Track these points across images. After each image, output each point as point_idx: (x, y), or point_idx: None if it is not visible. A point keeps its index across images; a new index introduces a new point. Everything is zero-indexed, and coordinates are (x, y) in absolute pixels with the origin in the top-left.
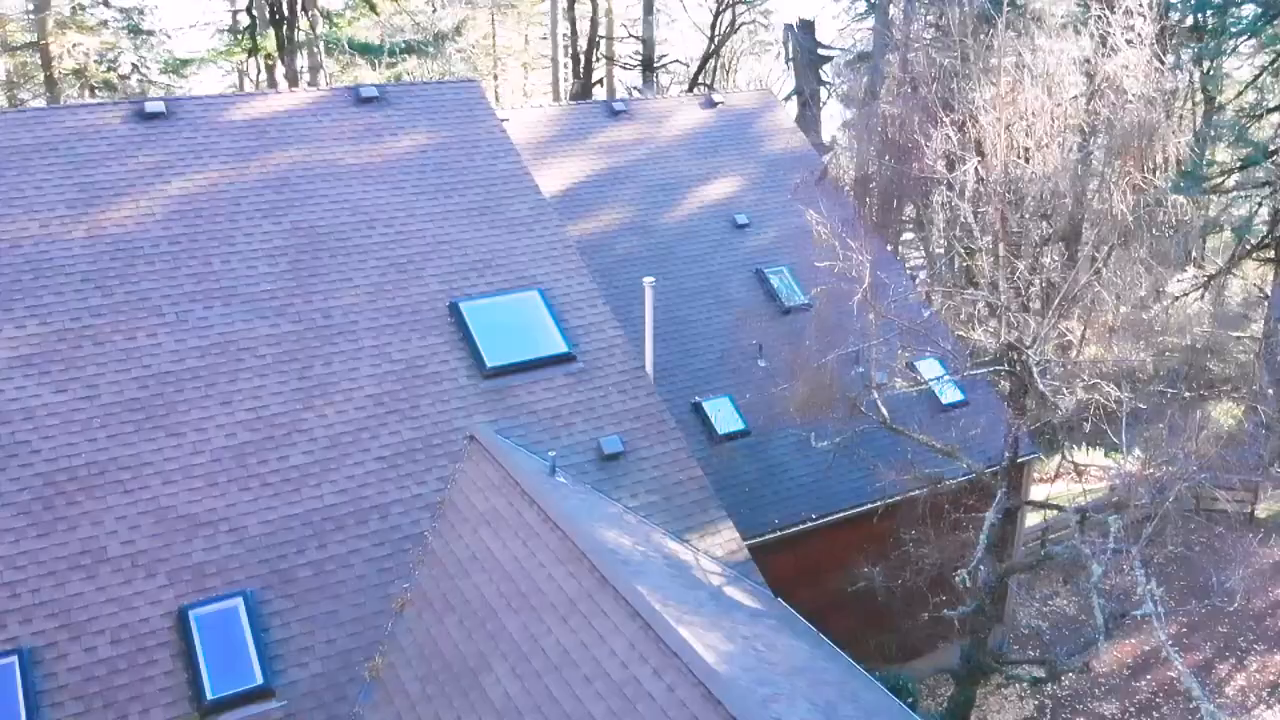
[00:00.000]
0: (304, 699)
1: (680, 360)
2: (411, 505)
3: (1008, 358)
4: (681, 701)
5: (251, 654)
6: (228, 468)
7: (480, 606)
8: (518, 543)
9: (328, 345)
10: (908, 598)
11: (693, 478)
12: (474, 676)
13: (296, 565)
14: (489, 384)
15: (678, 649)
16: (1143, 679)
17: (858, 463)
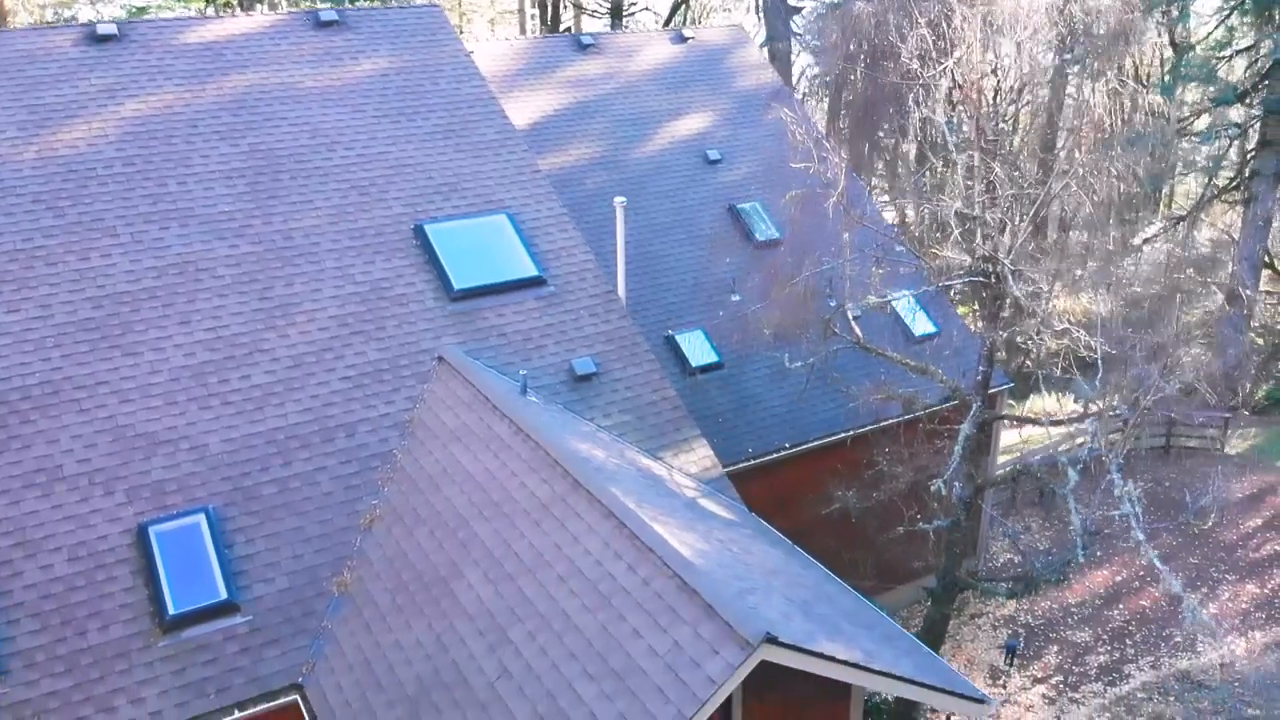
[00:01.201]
0: (270, 614)
1: (652, 294)
2: (379, 424)
3: (982, 269)
4: (657, 594)
5: (214, 570)
6: (187, 386)
7: (451, 517)
8: (489, 455)
9: (289, 267)
10: (883, 515)
11: (666, 398)
12: (445, 584)
13: (260, 483)
14: (457, 307)
15: (653, 544)
16: (1115, 607)
17: (831, 393)
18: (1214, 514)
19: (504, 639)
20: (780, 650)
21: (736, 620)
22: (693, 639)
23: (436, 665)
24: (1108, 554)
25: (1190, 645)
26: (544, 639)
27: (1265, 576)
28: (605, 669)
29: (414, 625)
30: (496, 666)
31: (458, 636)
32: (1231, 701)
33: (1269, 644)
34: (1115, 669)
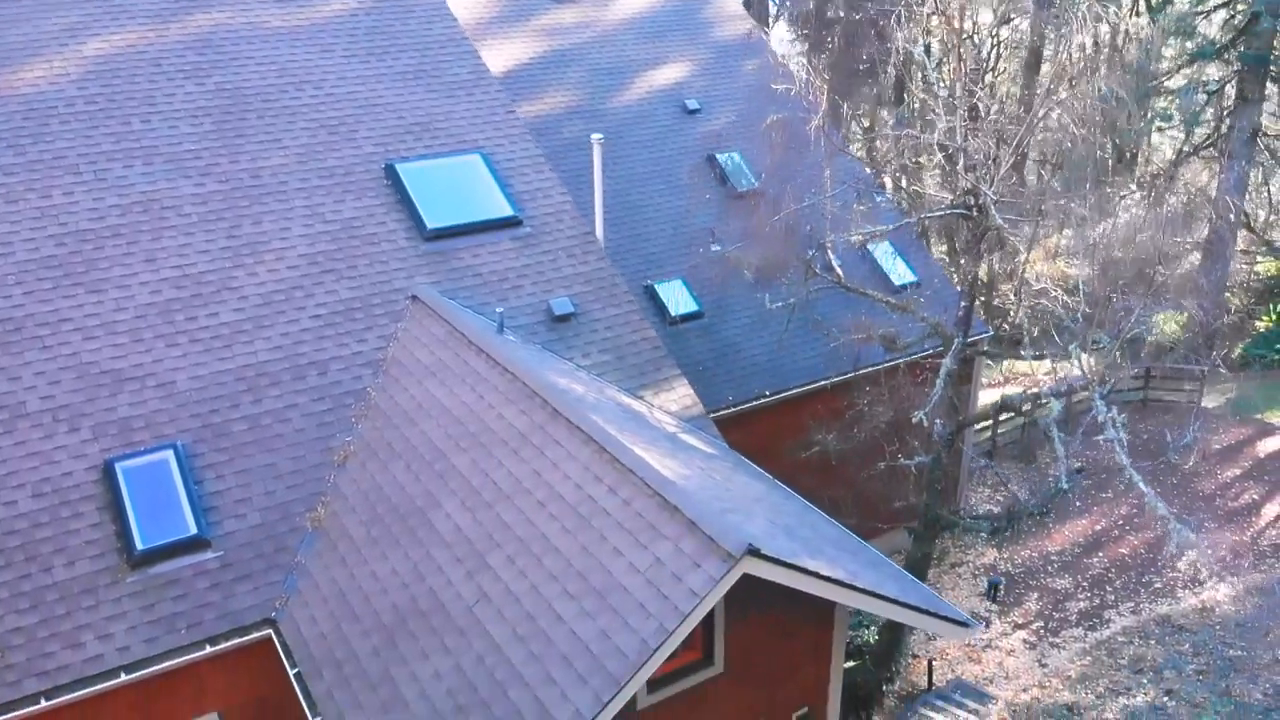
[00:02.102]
0: (242, 549)
1: (631, 244)
2: (352, 362)
3: (963, 202)
4: (638, 513)
5: (184, 505)
6: (153, 324)
7: (427, 450)
8: (465, 389)
9: (257, 205)
10: (864, 456)
11: (646, 338)
12: (422, 514)
13: (230, 420)
14: (430, 246)
15: (633, 465)
16: (1095, 555)
17: (812, 341)
18: (1195, 454)
19: (482, 565)
20: (763, 564)
21: (719, 534)
22: (674, 554)
23: (413, 593)
24: (1087, 504)
25: (1170, 591)
26: (523, 562)
27: (1245, 524)
28: (586, 588)
29: (390, 556)
30: (474, 591)
31: (435, 565)
32: (1213, 644)
33: (1249, 589)
34: (1095, 614)
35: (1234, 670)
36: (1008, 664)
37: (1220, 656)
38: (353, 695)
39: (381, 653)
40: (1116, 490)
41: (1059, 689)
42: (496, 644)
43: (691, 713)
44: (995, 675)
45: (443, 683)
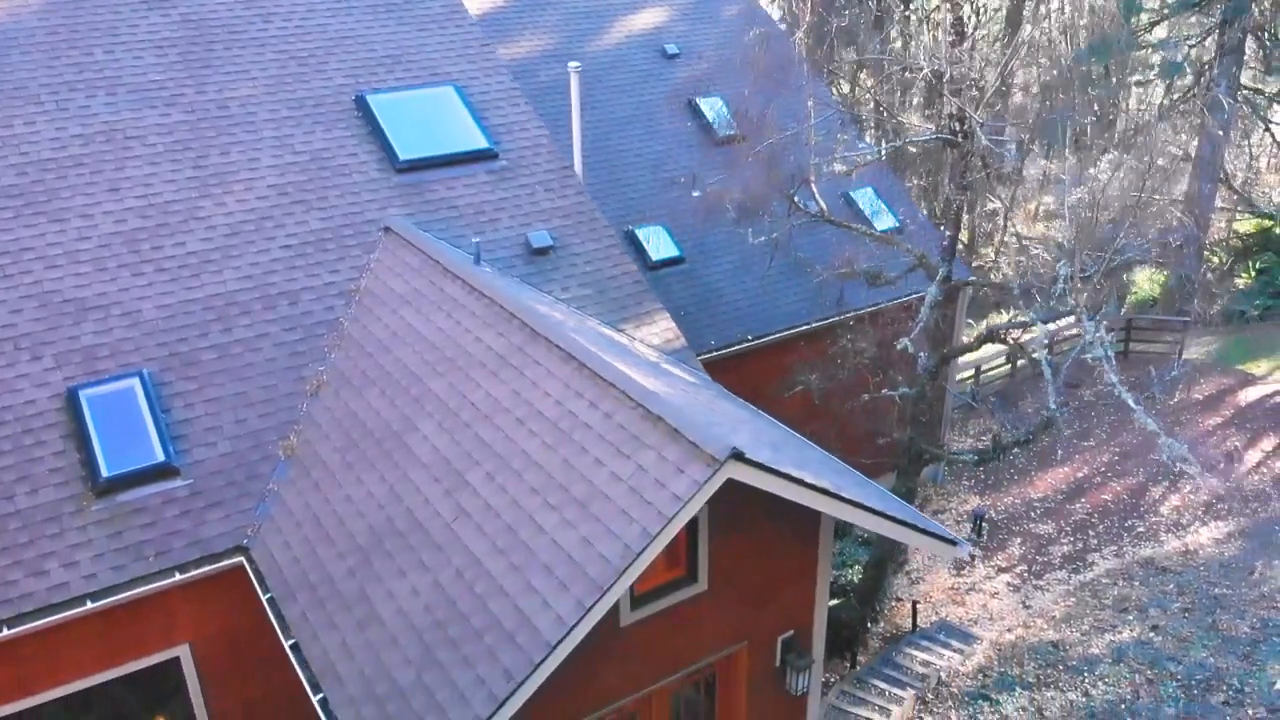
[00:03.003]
0: (212, 477)
1: (612, 189)
2: (324, 292)
3: (949, 128)
4: (620, 425)
5: (151, 433)
6: (118, 253)
7: (403, 376)
8: (441, 315)
9: (224, 136)
10: (848, 393)
11: (626, 272)
12: (398, 438)
13: (199, 349)
14: (403, 178)
15: (615, 380)
16: (1077, 502)
17: (795, 286)
18: (1180, 389)
19: (461, 483)
20: (747, 469)
21: (702, 440)
22: (657, 462)
23: (390, 514)
24: (1069, 452)
25: (1153, 535)
26: (503, 479)
27: (1226, 470)
28: (567, 499)
29: (365, 479)
30: (453, 509)
31: (412, 486)
32: (1198, 583)
33: (1233, 532)
34: (1079, 558)
35: (1219, 607)
36: (992, 606)
37: (1205, 595)
38: (327, 616)
39: (357, 573)
40: (1099, 439)
41: (1043, 628)
42: (476, 558)
43: (676, 631)
44: (979, 617)
45: (420, 598)
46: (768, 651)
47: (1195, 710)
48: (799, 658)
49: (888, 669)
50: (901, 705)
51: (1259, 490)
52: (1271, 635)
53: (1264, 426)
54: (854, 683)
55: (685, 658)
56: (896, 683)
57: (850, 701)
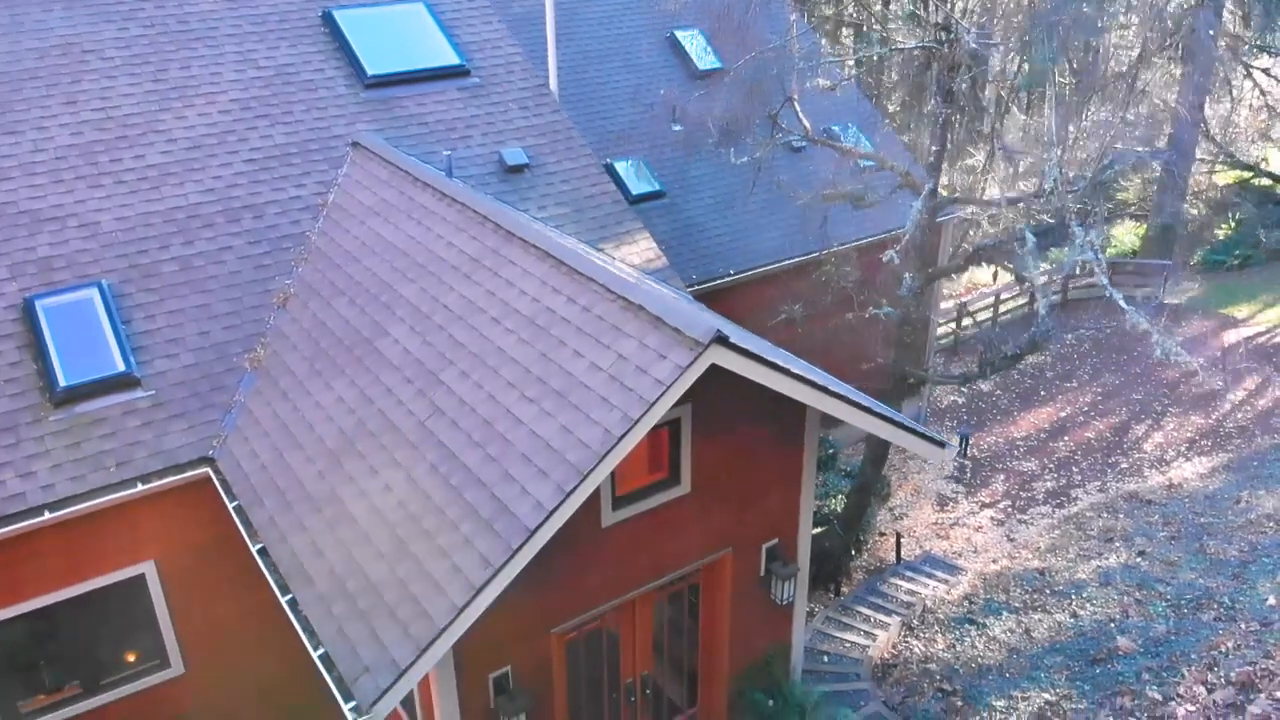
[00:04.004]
0: (175, 389)
1: (589, 123)
2: (289, 206)
3: (935, 37)
4: (599, 317)
5: (110, 343)
6: (75, 165)
7: (373, 284)
8: (412, 224)
9: (184, 50)
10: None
11: (605, 191)
12: (368, 344)
13: (160, 260)
14: (371, 94)
15: (593, 274)
16: (1060, 440)
17: (778, 221)
18: (1165, 314)
19: (434, 383)
20: (731, 355)
21: (685, 325)
22: (638, 350)
23: (361, 417)
24: (1051, 393)
25: (1137, 471)
26: (478, 375)
27: (1209, 409)
28: (545, 390)
29: (334, 385)
30: (427, 407)
31: (383, 388)
32: (1183, 514)
33: (1216, 467)
34: (1063, 493)
35: (1206, 534)
36: (976, 539)
37: (1191, 524)
38: (295, 519)
39: (327, 475)
40: (1081, 380)
41: (1029, 559)
42: (451, 452)
43: (658, 535)
44: (964, 550)
45: (393, 494)
46: (752, 560)
47: (1186, 626)
48: (783, 566)
49: (873, 597)
50: (887, 630)
51: (1242, 427)
52: (1260, 557)
53: (1246, 367)
54: (839, 609)
55: (669, 563)
56: (882, 610)
57: (836, 627)
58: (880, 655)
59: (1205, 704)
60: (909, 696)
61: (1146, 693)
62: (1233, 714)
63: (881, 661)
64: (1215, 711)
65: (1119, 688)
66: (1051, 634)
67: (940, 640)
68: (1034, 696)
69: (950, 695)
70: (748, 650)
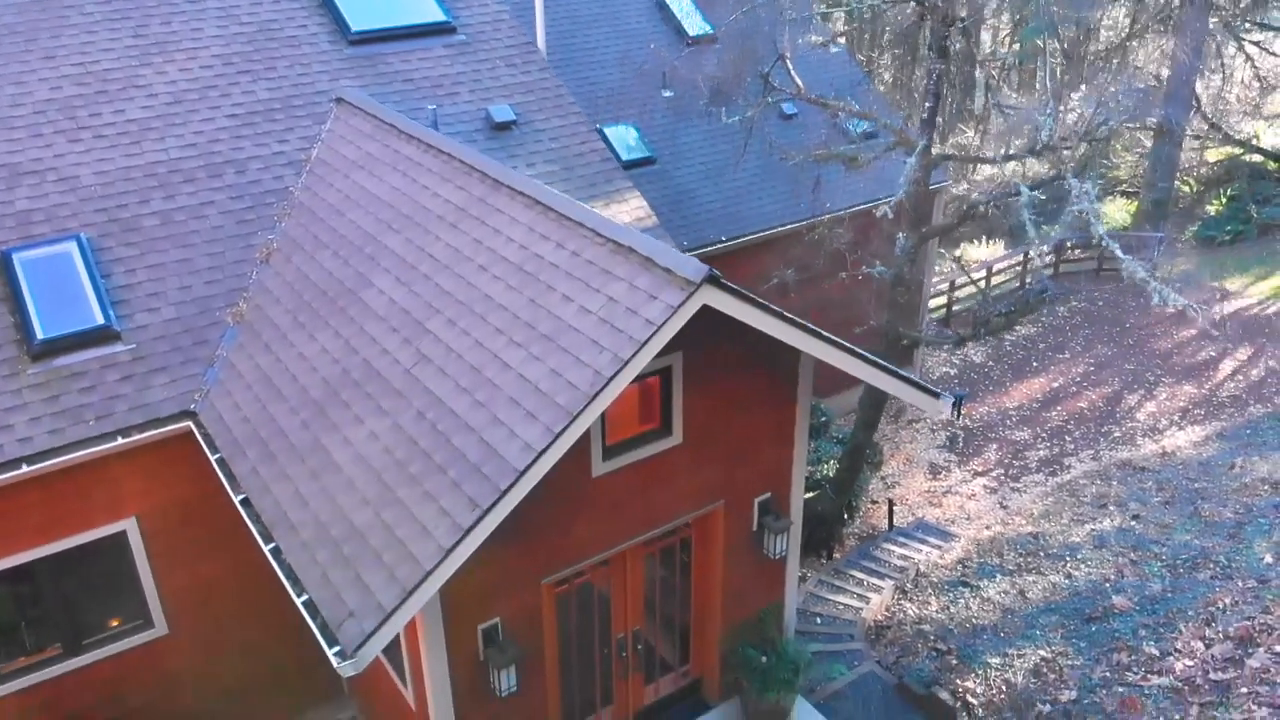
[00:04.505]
0: (156, 343)
1: (578, 88)
2: (273, 162)
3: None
4: (588, 261)
5: (90, 296)
6: (54, 120)
7: (357, 236)
8: (397, 175)
9: (165, 5)
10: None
11: (594, 149)
12: (353, 295)
13: (140, 215)
14: (356, 50)
15: (582, 219)
16: (1053, 409)
17: (770, 189)
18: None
19: (420, 331)
20: (724, 296)
21: (676, 265)
22: (629, 291)
23: (345, 367)
24: (1044, 365)
25: (1130, 439)
26: (465, 323)
27: (1202, 378)
28: (533, 335)
29: (319, 337)
30: (413, 355)
31: (368, 338)
32: (1177, 480)
33: (1209, 435)
34: (1055, 461)
35: (1200, 498)
36: (969, 507)
37: (1185, 490)
38: (279, 469)
39: (310, 425)
40: (1074, 351)
41: (1022, 524)
42: (438, 399)
43: (650, 486)
44: (957, 517)
45: (378, 442)
46: (745, 513)
47: (1182, 584)
48: (776, 519)
49: (865, 561)
50: (880, 594)
51: (1235, 396)
52: (1256, 518)
53: (1238, 337)
54: (831, 573)
55: (660, 515)
56: (875, 574)
57: (829, 590)
58: (874, 617)
59: (1203, 658)
60: (903, 656)
61: (1143, 648)
62: (1231, 667)
63: (875, 624)
64: (1214, 665)
65: (1115, 644)
66: (1046, 594)
67: (934, 603)
68: (1029, 654)
69: (945, 654)
70: (740, 607)
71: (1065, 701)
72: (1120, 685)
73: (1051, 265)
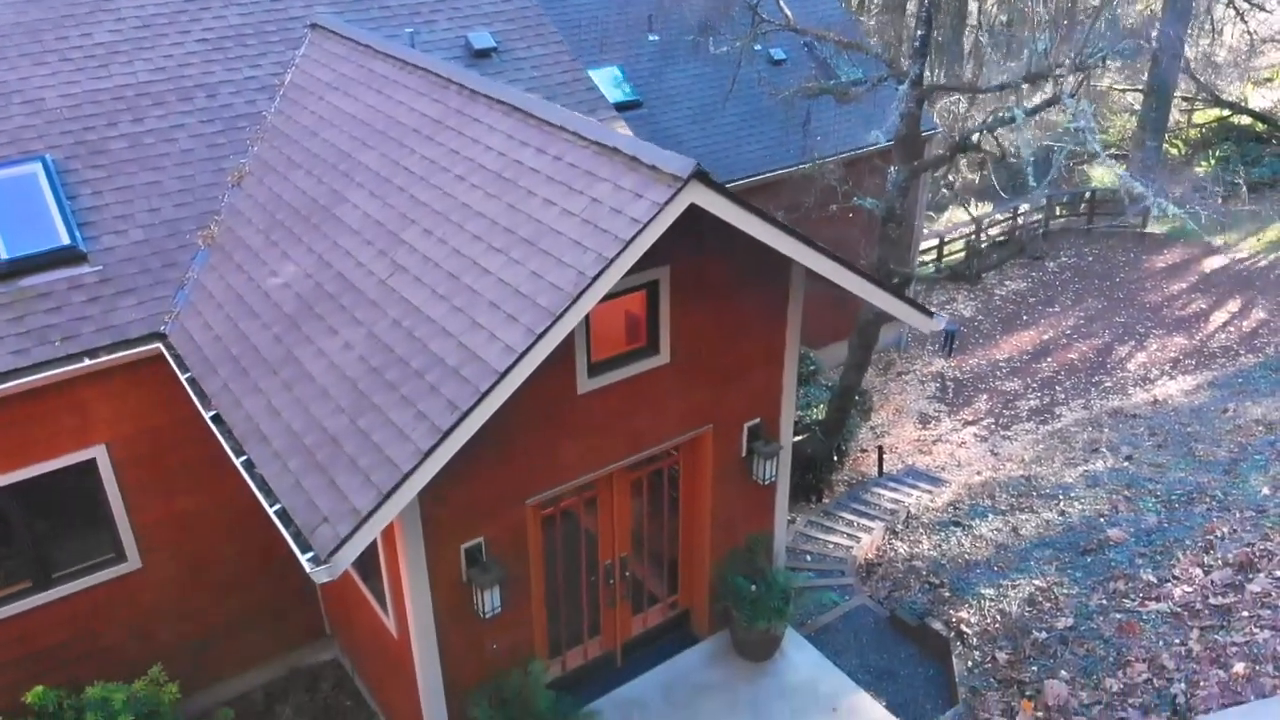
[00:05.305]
0: (123, 264)
1: (561, 30)
2: (244, 86)
3: None
4: (571, 164)
5: (55, 217)
6: (19, 43)
7: (331, 155)
8: (371, 94)
9: None
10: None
11: (578, 79)
12: (326, 211)
13: (108, 138)
14: None
15: (564, 122)
16: (1043, 361)
17: (758, 133)
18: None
19: (395, 242)
20: (712, 195)
21: (663, 161)
22: (613, 192)
23: (318, 280)
24: (1034, 318)
25: (1121, 389)
26: (442, 232)
27: (1193, 330)
28: (513, 240)
29: (292, 253)
30: (388, 266)
31: (342, 252)
32: (1169, 425)
33: (1201, 384)
34: (1046, 410)
35: (1194, 440)
36: (959, 454)
37: (1178, 434)
38: (251, 383)
39: (283, 339)
40: (1064, 305)
41: (1014, 469)
42: (414, 307)
43: (636, 405)
44: (947, 464)
45: (353, 351)
46: (733, 439)
47: (1178, 517)
48: (766, 444)
49: (855, 504)
50: (871, 534)
51: (1226, 347)
52: (1252, 455)
53: (1229, 290)
54: (821, 514)
55: (647, 437)
56: (865, 515)
57: (819, 530)
58: (864, 556)
59: (1202, 584)
60: (895, 591)
61: (1140, 575)
62: (1232, 592)
63: (866, 561)
64: (1213, 590)
65: (1112, 573)
66: (1040, 530)
67: (925, 541)
68: (1024, 585)
69: (938, 588)
70: (729, 535)
71: (1062, 628)
72: (1118, 612)
73: (1042, 222)
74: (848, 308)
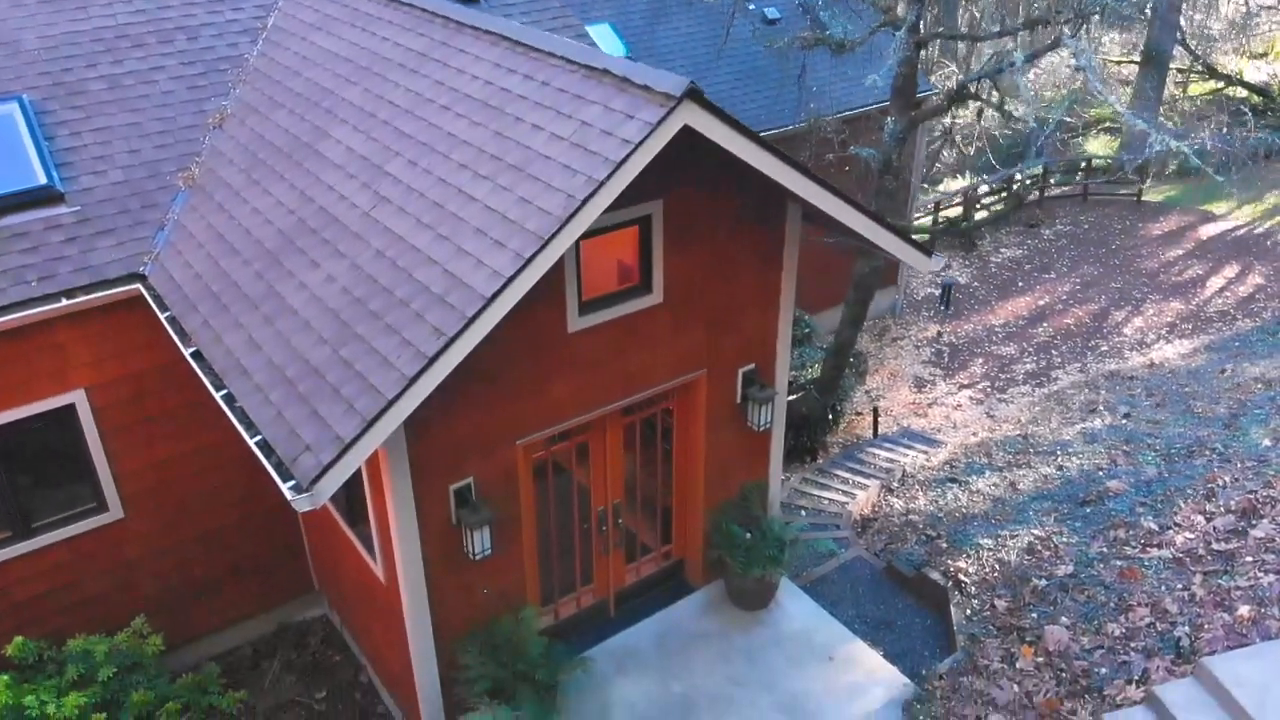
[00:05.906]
0: (102, 205)
1: None
2: (226, 29)
3: None
4: (559, 89)
5: (30, 156)
6: None
7: (314, 93)
8: (355, 31)
9: None
10: None
11: (569, 25)
12: (308, 148)
13: (86, 79)
14: None
15: (553, 49)
16: (1039, 326)
17: (754, 94)
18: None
19: (379, 175)
20: (706, 117)
21: (655, 81)
22: (603, 114)
23: (300, 216)
24: (1029, 284)
25: (1117, 353)
26: (427, 162)
27: (1189, 295)
28: (500, 167)
29: (273, 190)
30: (371, 198)
31: (324, 186)
32: (1167, 386)
33: (1198, 348)
34: (1042, 374)
35: (1192, 399)
36: (955, 417)
37: (1175, 394)
38: (231, 319)
39: (264, 274)
40: (1060, 272)
41: (1010, 430)
42: (398, 236)
43: (628, 346)
44: (943, 426)
45: (336, 283)
46: (728, 384)
47: (1178, 468)
48: (760, 390)
49: (850, 463)
50: (866, 491)
51: (1223, 311)
52: (1251, 410)
53: (1226, 256)
54: (816, 472)
55: (639, 379)
56: (860, 474)
57: (814, 487)
58: (860, 511)
59: (1204, 530)
60: (891, 544)
61: (1141, 523)
62: (1235, 538)
63: (861, 517)
64: (1216, 536)
65: (1112, 522)
66: (1038, 485)
67: (922, 498)
68: (1023, 535)
69: (935, 540)
70: (724, 483)
71: (1062, 575)
72: (1119, 559)
73: (1037, 185)
74: (843, 272)
